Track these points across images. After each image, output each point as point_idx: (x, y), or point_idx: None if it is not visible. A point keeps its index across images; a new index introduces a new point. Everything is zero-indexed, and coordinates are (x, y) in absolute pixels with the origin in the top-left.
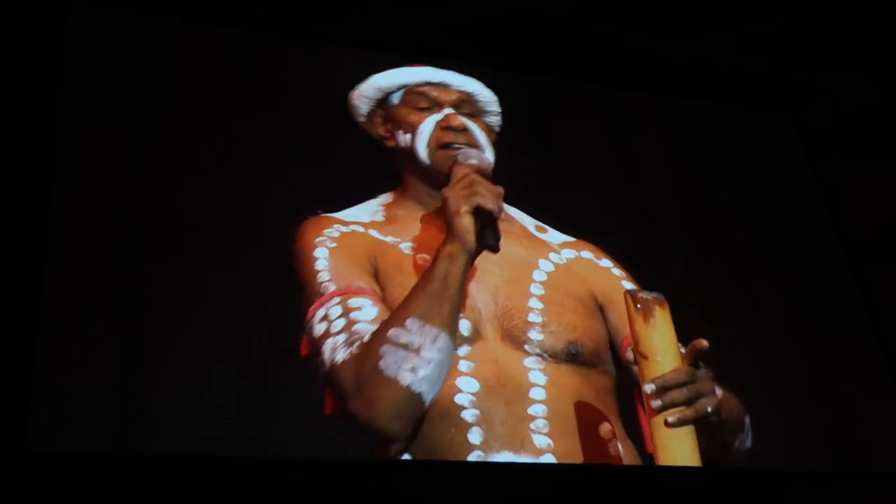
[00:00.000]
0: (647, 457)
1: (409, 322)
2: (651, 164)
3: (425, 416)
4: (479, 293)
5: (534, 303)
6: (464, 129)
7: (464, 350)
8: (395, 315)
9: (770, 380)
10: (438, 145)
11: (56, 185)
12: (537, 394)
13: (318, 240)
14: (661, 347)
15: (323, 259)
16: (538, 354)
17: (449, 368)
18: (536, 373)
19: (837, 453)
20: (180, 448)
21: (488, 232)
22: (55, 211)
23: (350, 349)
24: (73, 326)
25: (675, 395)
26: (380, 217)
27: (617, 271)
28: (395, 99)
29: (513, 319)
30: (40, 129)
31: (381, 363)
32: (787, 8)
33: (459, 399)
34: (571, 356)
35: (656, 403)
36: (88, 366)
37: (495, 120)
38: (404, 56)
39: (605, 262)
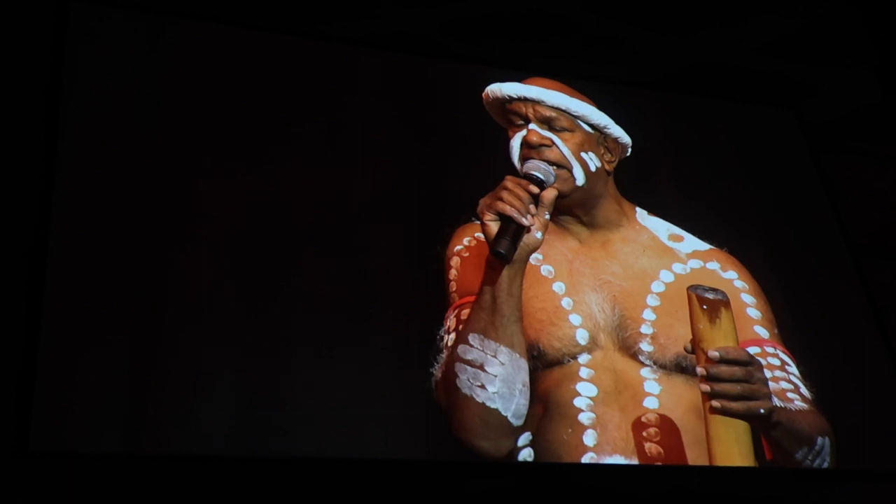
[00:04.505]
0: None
1: (471, 338)
2: (654, 161)
3: (546, 415)
4: (598, 303)
5: (647, 314)
6: (545, 145)
7: (584, 358)
8: (462, 331)
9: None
10: (525, 162)
11: (59, 184)
12: (651, 403)
13: (456, 249)
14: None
15: (454, 269)
16: (650, 365)
17: (523, 382)
18: (652, 382)
19: (841, 452)
20: (190, 447)
21: (502, 239)
22: (58, 209)
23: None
24: (78, 325)
25: (728, 387)
26: None
27: (740, 283)
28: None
29: (626, 330)
30: (41, 129)
31: (458, 381)
32: (789, 4)
33: (578, 402)
34: (681, 368)
35: (705, 388)
36: (94, 364)
37: (610, 132)
38: (408, 54)
39: (730, 274)
